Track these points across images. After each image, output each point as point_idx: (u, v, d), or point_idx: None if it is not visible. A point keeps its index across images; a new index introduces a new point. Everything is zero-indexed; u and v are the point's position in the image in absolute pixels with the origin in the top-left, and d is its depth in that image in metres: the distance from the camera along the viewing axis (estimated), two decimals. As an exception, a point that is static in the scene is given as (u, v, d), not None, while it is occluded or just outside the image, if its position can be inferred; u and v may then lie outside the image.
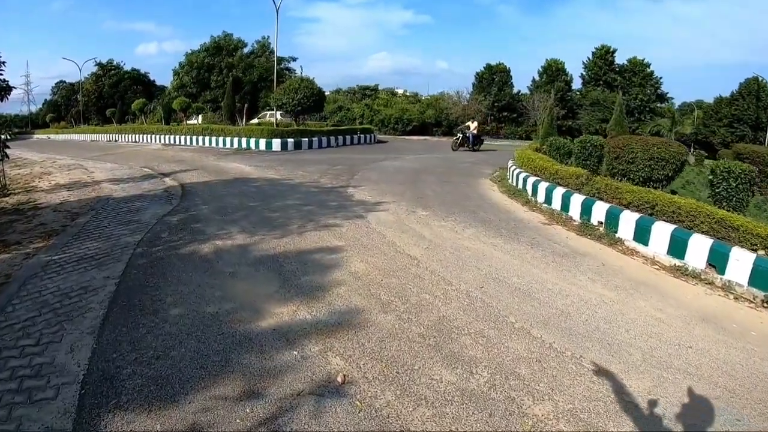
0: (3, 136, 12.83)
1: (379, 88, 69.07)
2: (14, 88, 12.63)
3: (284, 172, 15.78)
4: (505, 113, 48.34)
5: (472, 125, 26.47)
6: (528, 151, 14.42)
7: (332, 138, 27.41)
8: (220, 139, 26.22)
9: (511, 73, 49.79)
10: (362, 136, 30.36)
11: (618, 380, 4.00)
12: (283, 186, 13.10)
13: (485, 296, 5.60)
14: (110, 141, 36.43)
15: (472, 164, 19.67)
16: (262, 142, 24.43)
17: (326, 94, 37.96)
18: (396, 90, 72.85)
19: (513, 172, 13.76)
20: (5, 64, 11.93)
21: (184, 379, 3.84)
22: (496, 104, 47.62)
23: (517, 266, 6.75)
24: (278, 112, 29.96)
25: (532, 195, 11.56)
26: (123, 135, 35.34)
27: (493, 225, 9.20)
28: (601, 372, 4.10)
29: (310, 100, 28.03)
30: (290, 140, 24.79)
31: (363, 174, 15.40)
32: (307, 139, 25.67)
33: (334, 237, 7.99)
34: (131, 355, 4.16)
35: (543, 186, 11.00)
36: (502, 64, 49.70)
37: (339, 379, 3.92)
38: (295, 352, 4.32)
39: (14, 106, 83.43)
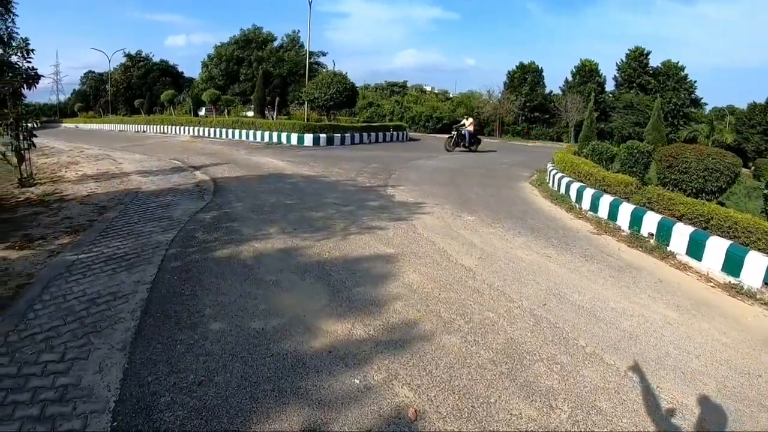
0: (30, 125, 12.78)
1: (408, 84, 69.54)
2: (43, 76, 12.69)
3: (319, 168, 15.44)
4: (537, 114, 48.16)
5: (467, 122, 25.31)
6: (570, 155, 14.27)
7: (365, 134, 27.15)
8: (251, 132, 26.15)
9: (543, 73, 49.84)
10: (394, 133, 30.12)
11: (698, 415, 3.88)
12: (320, 183, 12.73)
13: (550, 315, 5.39)
14: (138, 132, 36.91)
15: (509, 166, 19.65)
16: (294, 137, 24.25)
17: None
18: (424, 87, 73.02)
19: (554, 175, 13.68)
20: (34, 52, 12.06)
21: (232, 412, 3.41)
22: (527, 104, 47.49)
23: (575, 281, 6.60)
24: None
25: (576, 201, 11.48)
26: (151, 126, 35.76)
27: (542, 233, 9.06)
28: (680, 405, 3.97)
29: (343, 96, 27.85)
30: (322, 136, 24.55)
31: (400, 173, 15.00)
32: (339, 135, 25.42)
33: (381, 242, 7.60)
34: (169, 379, 3.74)
35: (588, 192, 10.93)
36: (534, 63, 49.67)
37: (410, 414, 3.50)
38: (357, 380, 3.87)
39: (43, 95, 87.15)
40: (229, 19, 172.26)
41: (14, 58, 12.04)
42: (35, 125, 13.13)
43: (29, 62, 12.03)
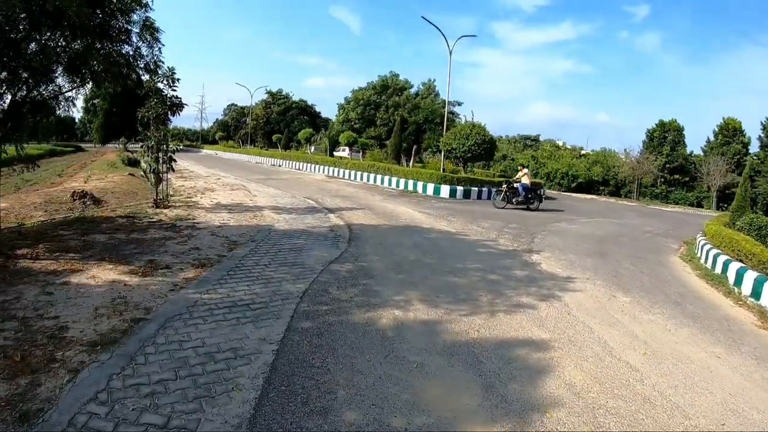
0: (171, 147, 13.48)
1: (540, 138, 68.74)
2: (186, 105, 13.84)
3: (458, 224, 14.68)
4: (677, 176, 44.03)
5: (522, 173, 21.62)
6: (725, 229, 13.36)
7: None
8: (386, 178, 26.38)
9: (684, 132, 46.19)
10: None
11: None
12: (460, 243, 11.93)
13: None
14: (274, 165, 39.02)
15: (653, 235, 17.83)
16: (430, 187, 23.93)
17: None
18: (557, 142, 71.65)
19: (707, 251, 12.79)
20: (179, 81, 13.25)
21: None
22: (667, 165, 43.57)
23: (752, 394, 5.69)
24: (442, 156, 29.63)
25: (735, 284, 10.47)
26: (287, 161, 37.66)
27: (705, 324, 8.10)
28: None
29: (481, 148, 27.24)
30: (459, 188, 23.98)
31: (543, 238, 13.87)
32: (476, 188, 24.68)
33: (534, 324, 6.70)
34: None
35: (750, 276, 9.90)
36: (675, 121, 46.09)
37: None
38: None
39: (188, 121, 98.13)
40: (366, 65, 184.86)
41: (160, 85, 13.14)
42: (176, 148, 13.84)
43: (174, 90, 13.23)
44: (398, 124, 37.34)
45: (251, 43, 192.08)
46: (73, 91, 9.25)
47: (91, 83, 9.57)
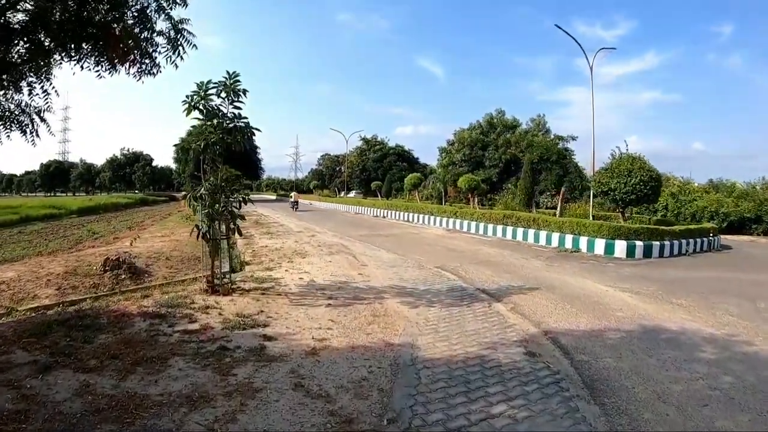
0: (236, 197, 8.62)
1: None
2: (259, 130, 9.01)
3: (701, 314, 8.52)
4: None
5: None
6: None
7: (683, 242, 18.98)
8: (529, 231, 20.18)
9: None
10: (706, 239, 21.21)
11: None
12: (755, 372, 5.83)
13: None
14: (377, 216, 34.23)
15: None
16: (599, 244, 17.49)
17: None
18: (668, 175, 62.97)
19: None
20: (246, 93, 8.59)
21: None
22: None
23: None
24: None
25: None
26: (392, 211, 32.63)
27: None
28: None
29: (648, 187, 20.49)
30: (638, 243, 17.33)
31: None
32: (658, 242, 17.89)
33: None
34: None
35: None
36: None
37: None
38: None
39: (284, 171, 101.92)
40: (452, 112, 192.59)
41: (215, 101, 8.61)
42: (244, 197, 8.81)
43: (238, 108, 8.76)
44: (527, 164, 31.18)
45: (340, 94, 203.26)
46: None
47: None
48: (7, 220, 25.74)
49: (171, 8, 6.76)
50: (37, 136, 7.14)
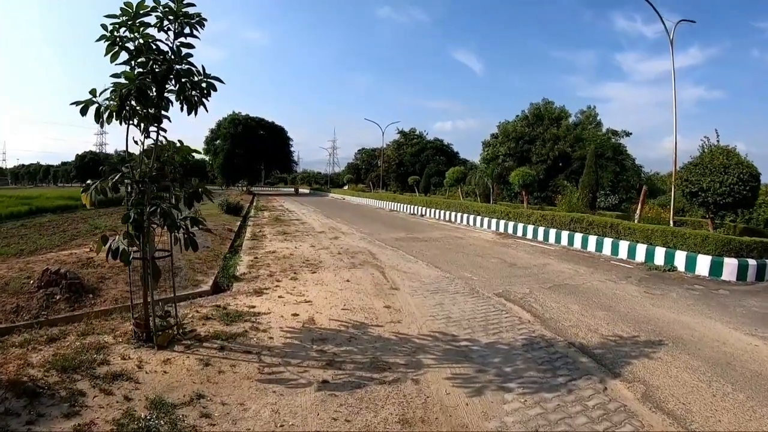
0: (182, 192, 5.45)
1: None
2: (223, 83, 5.29)
3: None
4: None
5: None
6: None
7: None
8: (605, 241, 16.28)
9: None
10: None
11: None
12: None
13: None
14: (413, 214, 30.78)
15: None
16: (703, 261, 13.46)
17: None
18: None
19: None
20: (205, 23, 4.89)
21: None
22: None
23: None
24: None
25: None
26: (431, 209, 29.08)
27: None
28: None
29: (747, 188, 16.43)
30: (751, 262, 13.36)
31: None
32: None
33: None
34: None
35: None
36: None
37: None
38: None
39: (321, 165, 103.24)
40: (490, 105, 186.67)
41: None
42: (194, 194, 5.58)
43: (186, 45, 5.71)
44: (591, 156, 27.00)
45: (377, 86, 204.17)
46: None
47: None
48: (15, 212, 23.90)
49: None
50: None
